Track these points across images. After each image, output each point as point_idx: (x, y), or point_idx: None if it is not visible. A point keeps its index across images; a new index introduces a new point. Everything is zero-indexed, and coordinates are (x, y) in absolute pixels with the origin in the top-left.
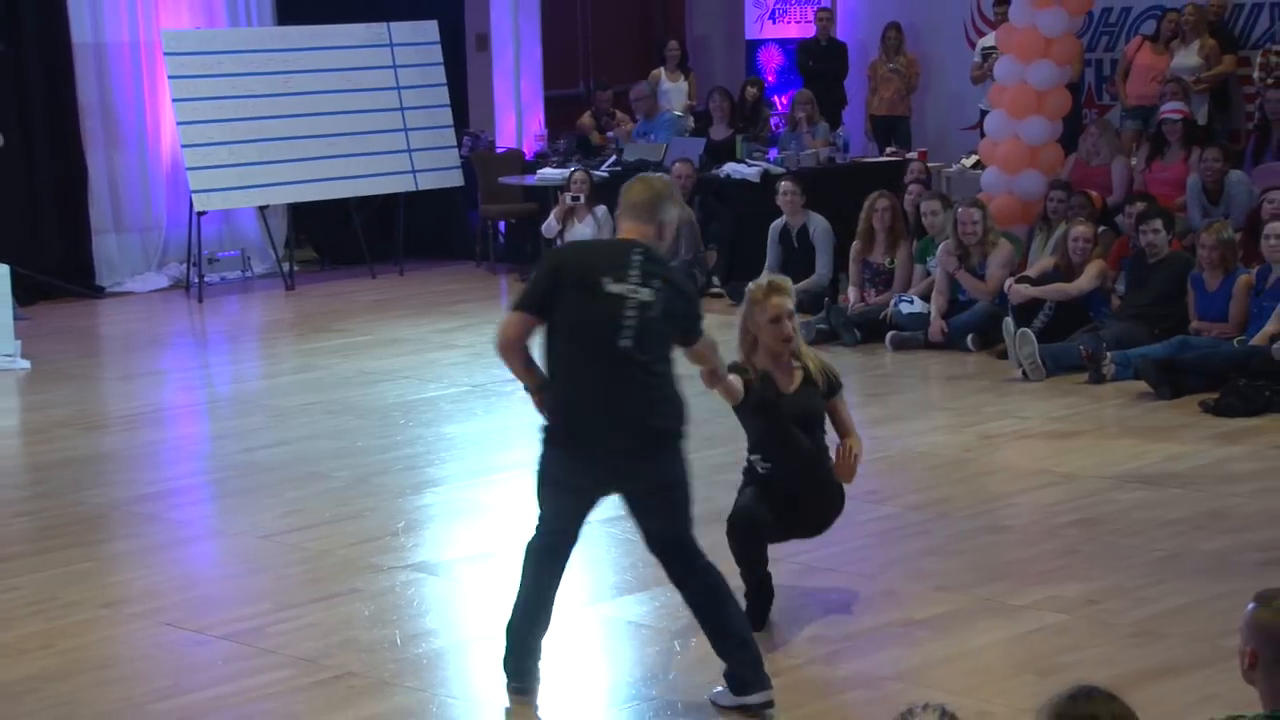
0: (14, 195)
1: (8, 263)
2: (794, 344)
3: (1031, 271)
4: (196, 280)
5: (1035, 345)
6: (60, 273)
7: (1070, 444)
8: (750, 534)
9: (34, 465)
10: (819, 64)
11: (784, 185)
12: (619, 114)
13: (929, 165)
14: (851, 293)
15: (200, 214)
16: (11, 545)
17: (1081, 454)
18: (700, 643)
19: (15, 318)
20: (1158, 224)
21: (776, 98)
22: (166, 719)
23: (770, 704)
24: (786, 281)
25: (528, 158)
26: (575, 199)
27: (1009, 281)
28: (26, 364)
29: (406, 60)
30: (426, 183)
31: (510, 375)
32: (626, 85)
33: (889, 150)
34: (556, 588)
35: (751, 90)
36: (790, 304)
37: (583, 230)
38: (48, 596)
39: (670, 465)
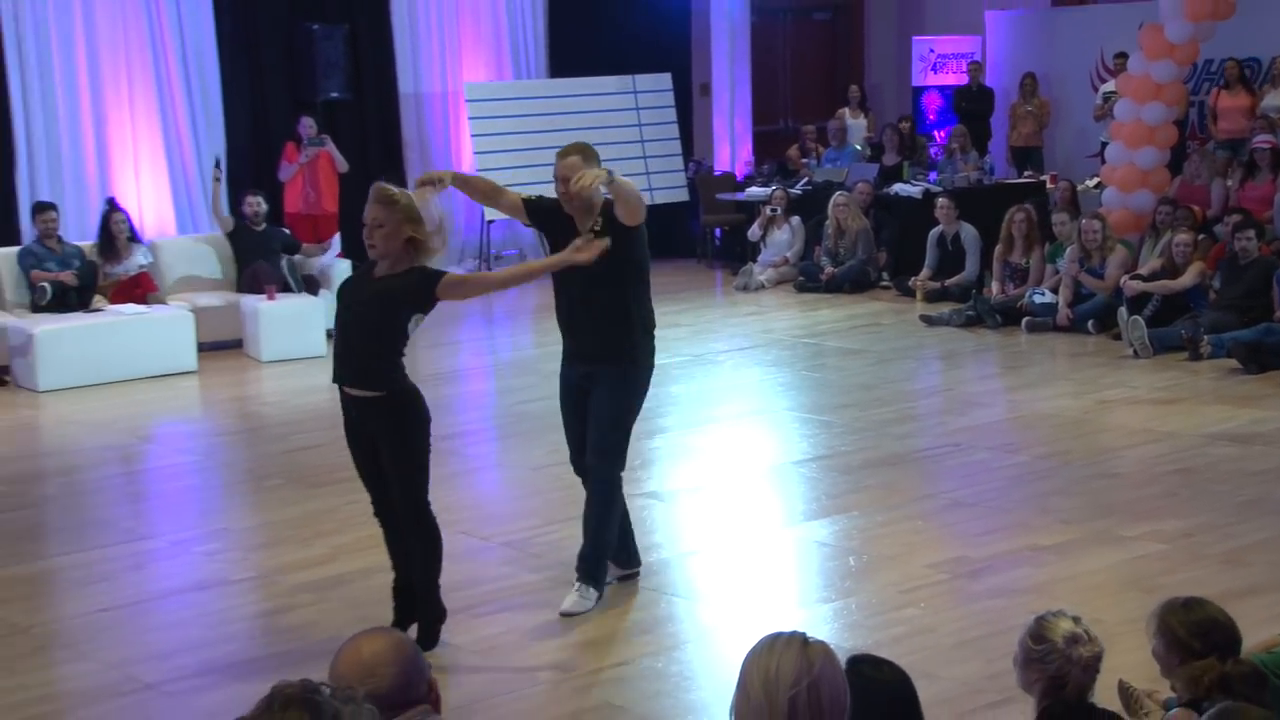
0: (355, 209)
1: (350, 258)
2: None
3: (1143, 270)
4: (486, 271)
5: (1144, 329)
6: None
7: (1171, 409)
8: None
9: None
10: (970, 105)
11: (941, 201)
12: (810, 144)
13: (1058, 185)
14: (994, 286)
15: (489, 222)
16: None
17: (1181, 417)
18: (870, 557)
19: None
20: (1251, 233)
21: (936, 132)
22: (460, 603)
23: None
24: None
25: (738, 179)
26: (774, 211)
27: (1124, 278)
28: None
29: (646, 104)
30: (660, 198)
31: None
32: (817, 122)
33: (1025, 174)
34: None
35: (904, 125)
36: None
37: (780, 236)
38: None
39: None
